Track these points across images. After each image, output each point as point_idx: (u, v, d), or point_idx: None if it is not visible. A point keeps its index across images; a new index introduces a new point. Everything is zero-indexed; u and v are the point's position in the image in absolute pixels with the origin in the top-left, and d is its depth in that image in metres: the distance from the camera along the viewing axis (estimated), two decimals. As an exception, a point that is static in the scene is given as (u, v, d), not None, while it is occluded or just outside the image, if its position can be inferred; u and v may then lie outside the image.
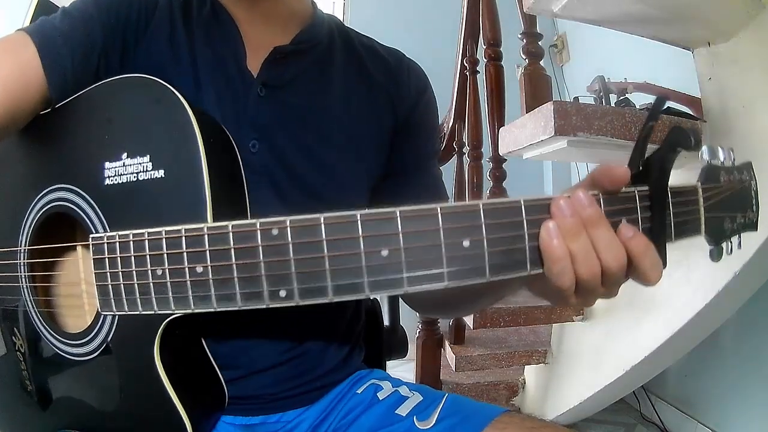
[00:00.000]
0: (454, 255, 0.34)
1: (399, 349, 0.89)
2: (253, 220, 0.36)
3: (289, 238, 0.35)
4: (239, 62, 0.58)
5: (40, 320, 0.52)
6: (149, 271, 0.40)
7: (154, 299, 0.40)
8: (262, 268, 0.36)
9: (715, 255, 0.43)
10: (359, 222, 0.34)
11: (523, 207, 0.35)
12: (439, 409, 0.56)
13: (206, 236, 0.38)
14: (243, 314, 0.38)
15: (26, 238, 0.52)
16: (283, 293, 0.36)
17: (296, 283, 0.36)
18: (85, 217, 0.46)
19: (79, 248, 0.53)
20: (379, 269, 0.35)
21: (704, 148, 0.42)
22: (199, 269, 0.38)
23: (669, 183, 0.38)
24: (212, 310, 0.39)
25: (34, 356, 0.52)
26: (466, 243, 0.34)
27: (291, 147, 0.57)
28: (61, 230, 0.51)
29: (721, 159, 0.43)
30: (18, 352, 0.54)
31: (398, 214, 0.34)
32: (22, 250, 0.52)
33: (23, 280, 0.52)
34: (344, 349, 0.65)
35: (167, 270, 0.39)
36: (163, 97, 0.44)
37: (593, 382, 1.45)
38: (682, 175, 0.43)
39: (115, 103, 0.47)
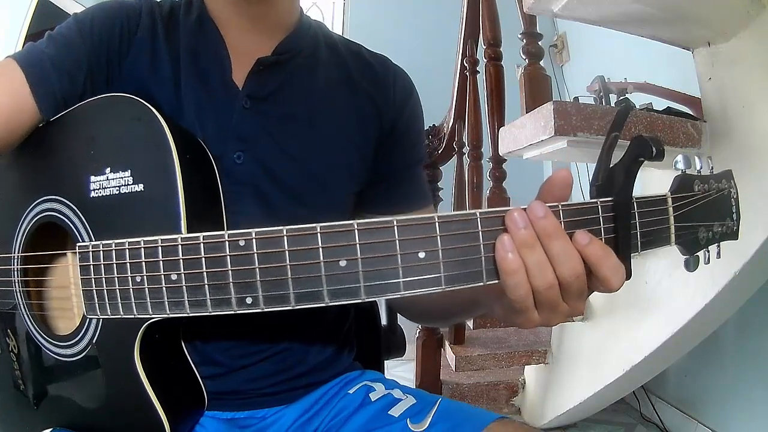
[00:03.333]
0: (409, 266, 0.36)
1: (397, 349, 0.89)
2: (223, 232, 0.39)
3: (255, 249, 0.38)
4: (224, 75, 0.58)
5: (32, 322, 0.54)
6: (129, 278, 0.42)
7: (133, 304, 0.43)
8: (230, 276, 0.39)
9: (691, 265, 0.42)
10: (319, 234, 0.37)
11: (479, 219, 0.36)
12: (433, 413, 0.56)
13: (180, 246, 0.40)
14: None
15: (20, 245, 0.54)
16: (249, 300, 0.39)
17: (261, 290, 0.38)
18: (72, 226, 0.49)
19: (69, 254, 0.55)
20: (338, 279, 0.37)
21: (679, 157, 0.41)
22: (174, 276, 0.41)
23: (637, 193, 0.38)
24: (186, 315, 0.41)
25: (26, 357, 0.55)
26: (421, 254, 0.36)
27: (276, 156, 0.58)
28: (52, 238, 0.53)
29: (698, 167, 0.42)
30: (12, 353, 0.56)
31: (356, 226, 0.36)
32: (16, 257, 0.54)
33: (16, 284, 0.54)
34: (329, 348, 0.66)
35: (145, 277, 0.42)
36: (142, 115, 0.47)
37: (593, 382, 1.46)
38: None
39: (99, 121, 0.50)
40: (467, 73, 1.81)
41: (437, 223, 0.36)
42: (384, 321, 0.88)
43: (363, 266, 0.36)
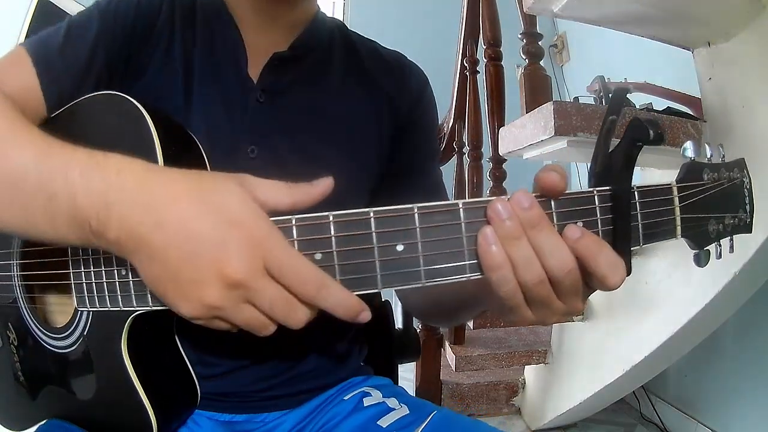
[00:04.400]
0: (387, 259, 0.35)
1: (411, 352, 0.85)
2: None
3: None
4: (240, 70, 0.58)
5: (30, 316, 0.55)
6: (115, 271, 0.43)
7: (119, 296, 0.43)
8: None
9: (701, 260, 0.39)
10: (294, 226, 0.35)
11: (461, 210, 0.35)
12: (422, 427, 0.54)
13: None
14: None
15: (18, 240, 0.55)
16: None
17: None
18: None
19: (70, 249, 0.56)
20: None
21: (687, 143, 0.38)
22: None
23: (641, 182, 0.36)
24: (167, 307, 0.40)
25: (25, 349, 0.56)
26: (399, 247, 0.35)
27: (290, 150, 0.58)
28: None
29: (708, 155, 0.39)
30: (12, 345, 0.57)
31: (331, 218, 0.35)
32: (15, 252, 0.55)
33: (16, 279, 0.55)
34: (334, 349, 0.64)
35: (129, 270, 0.42)
36: (128, 112, 0.47)
37: (593, 382, 1.46)
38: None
39: (89, 119, 0.51)
40: (467, 73, 1.81)
41: (416, 214, 0.34)
42: (399, 323, 0.84)
43: (339, 259, 0.35)
